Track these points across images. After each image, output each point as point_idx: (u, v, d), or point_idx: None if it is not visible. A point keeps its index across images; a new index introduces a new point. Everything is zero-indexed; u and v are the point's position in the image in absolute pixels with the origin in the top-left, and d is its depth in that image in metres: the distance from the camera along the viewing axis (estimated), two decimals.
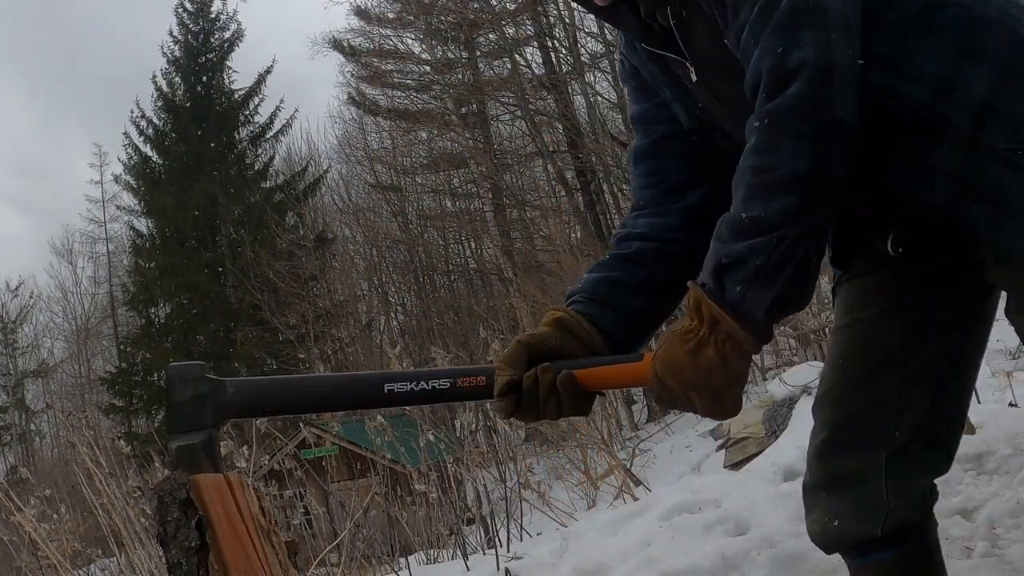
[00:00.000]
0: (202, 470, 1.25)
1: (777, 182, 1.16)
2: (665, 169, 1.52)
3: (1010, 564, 2.67)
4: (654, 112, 1.53)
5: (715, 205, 1.46)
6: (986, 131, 1.23)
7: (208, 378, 1.33)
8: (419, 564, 6.13)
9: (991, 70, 1.24)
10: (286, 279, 24.07)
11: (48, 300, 35.20)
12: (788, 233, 1.16)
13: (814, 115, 1.15)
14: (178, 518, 1.18)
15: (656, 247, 1.49)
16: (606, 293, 1.45)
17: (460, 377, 1.34)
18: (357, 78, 26.36)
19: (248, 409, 1.39)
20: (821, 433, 1.54)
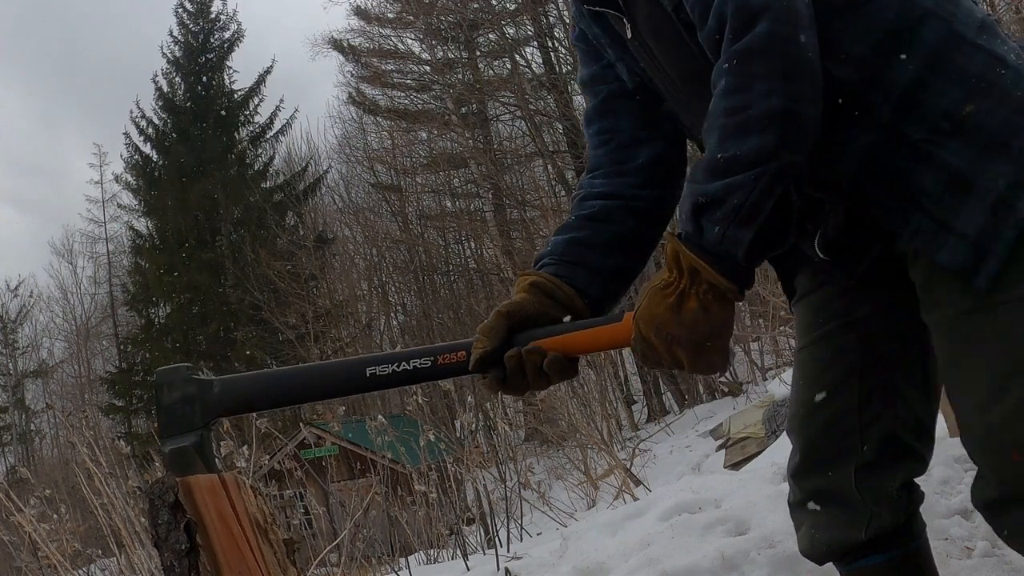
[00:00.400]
0: (196, 471, 1.25)
1: (751, 120, 1.14)
2: (616, 128, 1.52)
3: (1010, 564, 2.67)
4: (600, 73, 1.54)
5: (668, 162, 1.51)
6: (906, 120, 1.23)
7: (195, 379, 1.34)
8: (419, 564, 6.13)
9: (920, 61, 1.23)
10: (286, 279, 24.08)
11: (48, 300, 35.25)
12: (766, 170, 1.14)
13: (783, 52, 1.14)
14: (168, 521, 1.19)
15: (619, 204, 1.49)
16: (576, 253, 1.44)
17: (440, 354, 1.32)
18: (357, 78, 26.37)
19: (235, 406, 1.38)
20: (795, 457, 1.55)
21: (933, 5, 1.26)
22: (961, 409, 1.29)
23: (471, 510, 8.25)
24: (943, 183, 1.21)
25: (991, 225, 1.19)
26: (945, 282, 1.25)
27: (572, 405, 9.25)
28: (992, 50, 1.26)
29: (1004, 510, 1.25)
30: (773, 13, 1.14)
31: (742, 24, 1.15)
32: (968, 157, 1.21)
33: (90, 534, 6.29)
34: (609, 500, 7.41)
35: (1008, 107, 1.22)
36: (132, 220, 28.38)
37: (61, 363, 33.66)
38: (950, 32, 1.25)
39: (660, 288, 1.20)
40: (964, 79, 1.23)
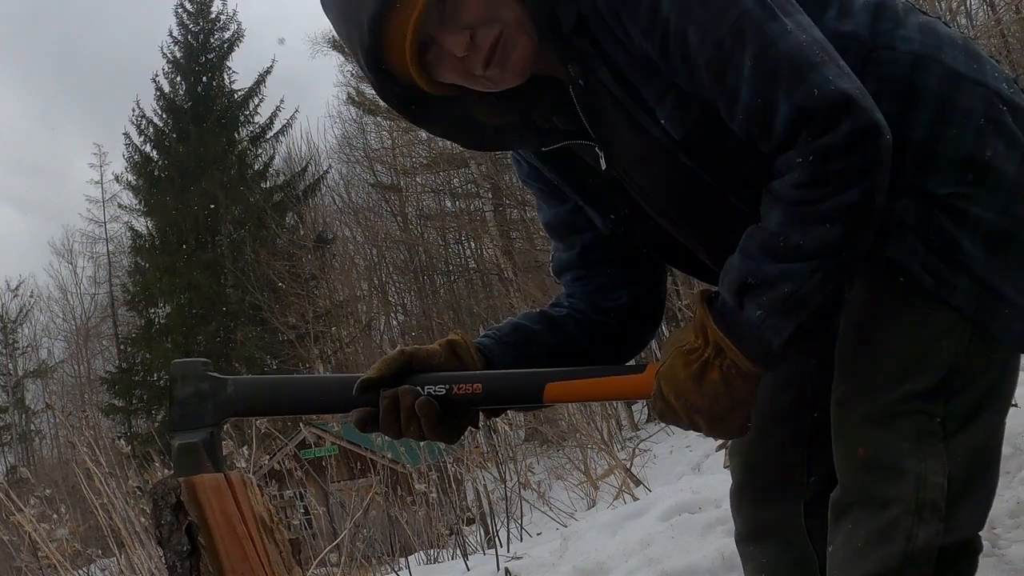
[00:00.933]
0: (203, 469, 1.24)
1: (820, 213, 1.08)
2: (595, 275, 1.44)
3: (1010, 564, 2.67)
4: (570, 219, 1.43)
5: (646, 305, 1.44)
6: (929, 176, 1.17)
7: (210, 376, 1.33)
8: (419, 564, 6.13)
9: (929, 110, 1.19)
10: (286, 279, 24.06)
11: (48, 300, 35.22)
12: (825, 264, 1.09)
13: (863, 150, 1.08)
14: (170, 522, 1.18)
15: (585, 321, 1.42)
16: (517, 339, 1.39)
17: (456, 384, 1.30)
18: (357, 78, 26.35)
19: (248, 408, 1.38)
20: (733, 483, 1.50)
21: (921, 47, 1.22)
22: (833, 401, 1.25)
23: (471, 510, 8.25)
24: (981, 243, 1.15)
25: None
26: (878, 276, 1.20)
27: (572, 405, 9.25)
28: (987, 82, 1.21)
29: (844, 515, 1.22)
30: (856, 104, 1.08)
31: (824, 125, 1.08)
32: (999, 208, 1.16)
33: (90, 534, 6.29)
34: (609, 500, 7.41)
35: (1019, 149, 1.19)
36: (132, 220, 28.39)
37: (61, 363, 33.66)
38: (945, 70, 1.20)
39: (685, 353, 1.17)
40: (973, 121, 1.18)
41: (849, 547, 1.20)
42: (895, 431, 1.18)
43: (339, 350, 24.65)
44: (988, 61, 1.26)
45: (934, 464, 1.17)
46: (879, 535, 1.18)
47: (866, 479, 1.19)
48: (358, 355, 23.47)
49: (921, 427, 1.17)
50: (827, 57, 1.10)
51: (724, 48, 1.11)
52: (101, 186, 31.01)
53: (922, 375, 1.18)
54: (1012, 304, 1.15)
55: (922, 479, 1.16)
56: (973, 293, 1.16)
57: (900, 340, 1.19)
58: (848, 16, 1.22)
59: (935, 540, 1.16)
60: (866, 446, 1.19)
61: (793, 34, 1.10)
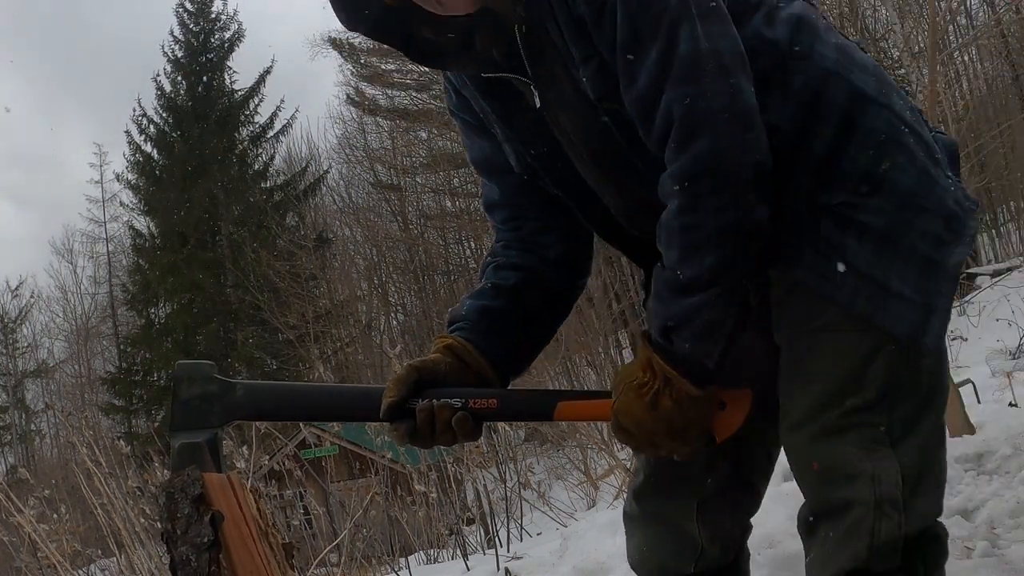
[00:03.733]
0: (205, 469, 1.25)
1: (704, 240, 1.19)
2: (524, 216, 1.51)
3: (1010, 564, 2.67)
4: (494, 158, 1.50)
5: (576, 251, 1.52)
6: (824, 187, 1.27)
7: (217, 378, 1.34)
8: (419, 564, 6.13)
9: (834, 125, 1.27)
10: (286, 279, 24.06)
11: (48, 300, 35.20)
12: (724, 287, 1.21)
13: (728, 167, 1.17)
14: (189, 514, 1.17)
15: (533, 281, 1.49)
16: (490, 323, 1.45)
17: (472, 399, 1.36)
18: (357, 78, 26.38)
19: (256, 413, 1.39)
20: (638, 476, 1.58)
21: (834, 64, 1.29)
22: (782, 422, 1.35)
23: (471, 510, 8.25)
24: (870, 245, 1.25)
25: (926, 283, 1.26)
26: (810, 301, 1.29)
27: None
28: (892, 106, 1.30)
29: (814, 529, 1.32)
30: (715, 127, 1.17)
31: (685, 136, 1.18)
32: (889, 216, 1.26)
33: (90, 534, 6.29)
34: (609, 500, 7.41)
35: (916, 167, 1.28)
36: (132, 219, 28.39)
37: (61, 363, 33.64)
38: (854, 90, 1.28)
39: (636, 387, 1.26)
40: (874, 139, 1.27)
41: (822, 552, 1.31)
42: (843, 443, 1.27)
43: (339, 350, 24.65)
44: (896, 89, 1.35)
45: (886, 464, 1.26)
46: (846, 534, 1.27)
47: (825, 489, 1.30)
48: (358, 355, 23.48)
49: (867, 437, 1.27)
50: (718, 69, 1.18)
51: (639, 35, 1.21)
52: (101, 185, 31.03)
53: (861, 391, 1.27)
54: (899, 296, 1.25)
55: (876, 478, 1.26)
56: (860, 289, 1.25)
57: (836, 363, 1.28)
58: (773, 25, 1.30)
59: (898, 532, 1.26)
60: (819, 460, 1.29)
61: (698, 40, 1.18)
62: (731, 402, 1.33)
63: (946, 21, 7.85)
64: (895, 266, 1.25)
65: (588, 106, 1.31)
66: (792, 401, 1.33)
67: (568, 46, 1.29)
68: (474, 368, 1.41)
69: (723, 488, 1.52)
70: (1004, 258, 19.68)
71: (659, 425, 1.25)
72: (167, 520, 1.18)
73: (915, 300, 1.25)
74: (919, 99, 6.46)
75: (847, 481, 1.27)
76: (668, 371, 1.24)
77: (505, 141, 1.45)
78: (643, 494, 1.56)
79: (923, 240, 1.26)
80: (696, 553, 1.52)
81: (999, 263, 18.26)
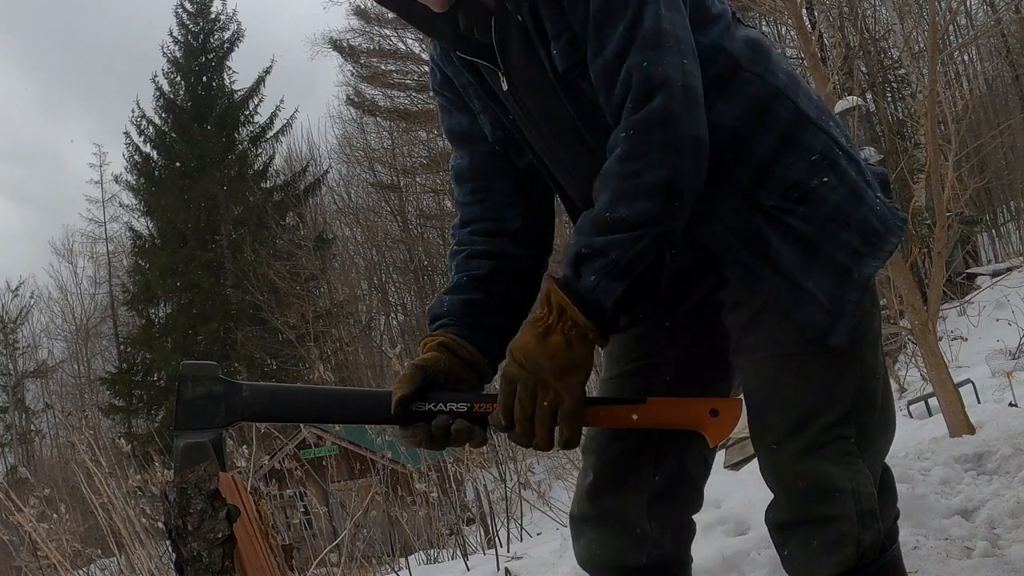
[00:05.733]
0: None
1: (641, 187, 1.28)
2: (491, 188, 1.58)
3: (1010, 564, 2.67)
4: (469, 129, 1.59)
5: (540, 225, 1.61)
6: (760, 188, 1.40)
7: (222, 379, 1.35)
8: (419, 564, 6.13)
9: (776, 136, 1.41)
10: (286, 279, 24.07)
11: (48, 300, 35.20)
12: (646, 233, 1.29)
13: (676, 127, 1.29)
14: (203, 510, 1.17)
15: (505, 266, 1.56)
16: (474, 316, 1.52)
17: (476, 403, 1.39)
18: (357, 78, 26.38)
19: (262, 414, 1.40)
20: (588, 476, 1.63)
21: (784, 86, 1.44)
22: (761, 441, 1.46)
23: (471, 510, 8.25)
24: (792, 247, 1.39)
25: (838, 289, 1.39)
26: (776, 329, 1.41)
27: None
28: (829, 132, 1.45)
29: (791, 530, 1.44)
30: (670, 90, 1.29)
31: (642, 96, 1.29)
32: (813, 225, 1.40)
33: (90, 534, 6.29)
34: None
35: (846, 185, 1.43)
36: (132, 220, 28.39)
37: (61, 363, 33.63)
38: (798, 111, 1.43)
39: (532, 322, 1.34)
40: (809, 155, 1.42)
41: (806, 553, 1.43)
42: (823, 460, 1.40)
43: (339, 350, 24.65)
44: (835, 119, 1.50)
45: (862, 479, 1.41)
46: (834, 543, 1.40)
47: (808, 503, 1.41)
48: (358, 355, 23.47)
49: (842, 450, 1.41)
50: (676, 48, 1.31)
51: (610, 9, 1.33)
52: (101, 186, 31.01)
53: (833, 408, 1.41)
54: (811, 296, 1.39)
55: (857, 494, 1.40)
56: (777, 284, 1.39)
57: (808, 385, 1.41)
58: (731, 39, 1.45)
59: (879, 537, 1.43)
60: (804, 478, 1.41)
61: (661, 19, 1.32)
62: (724, 409, 1.40)
63: (946, 21, 7.84)
64: (813, 270, 1.39)
65: (553, 86, 1.41)
66: (771, 422, 1.44)
67: (543, 24, 1.39)
68: (468, 360, 1.47)
69: (671, 485, 1.60)
70: (1004, 258, 19.68)
71: (545, 359, 1.30)
72: (177, 516, 1.18)
73: (825, 304, 1.39)
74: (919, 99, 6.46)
75: (831, 498, 1.39)
76: (564, 301, 1.30)
77: (482, 112, 1.55)
78: (595, 493, 1.62)
79: (842, 251, 1.40)
80: (648, 544, 1.59)
81: (999, 263, 18.27)
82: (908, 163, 8.35)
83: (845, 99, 6.03)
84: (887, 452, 1.53)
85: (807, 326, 1.39)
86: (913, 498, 3.13)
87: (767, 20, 14.63)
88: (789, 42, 14.86)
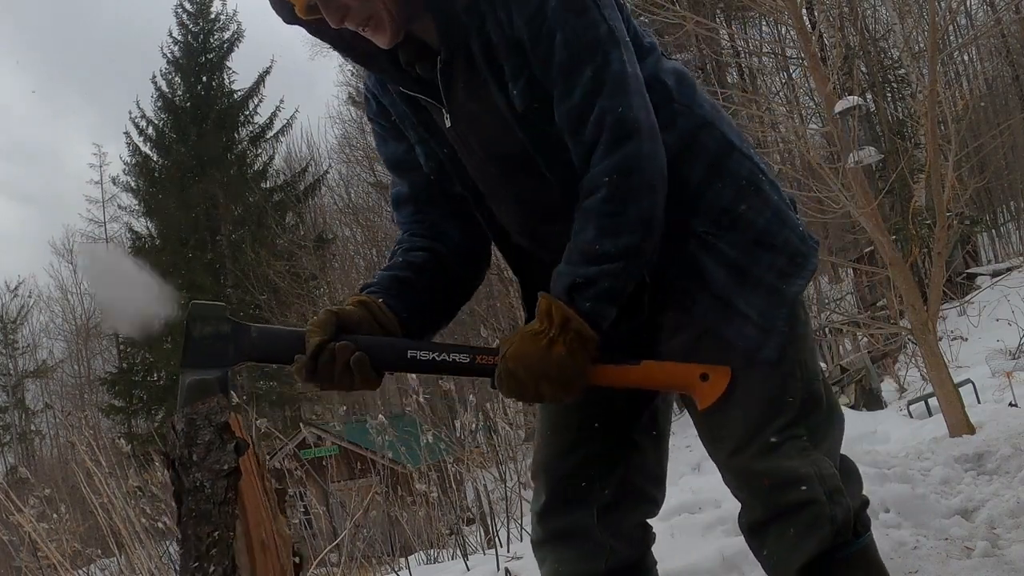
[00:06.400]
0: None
1: (624, 224, 1.39)
2: (428, 211, 1.66)
3: (1010, 564, 2.67)
4: (406, 158, 1.65)
5: (475, 247, 1.67)
6: (692, 215, 1.50)
7: (231, 319, 1.41)
8: (419, 564, 6.13)
9: (704, 164, 1.51)
10: (286, 279, 24.07)
11: (48, 300, 35.21)
12: (632, 263, 1.40)
13: (651, 168, 1.39)
14: (210, 441, 1.18)
15: (439, 264, 1.63)
16: (400, 289, 1.59)
17: (479, 355, 1.45)
18: (357, 78, 26.33)
19: (269, 354, 1.44)
20: (539, 498, 1.71)
21: (710, 116, 1.54)
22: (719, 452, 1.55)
23: (471, 510, 8.25)
24: (724, 270, 1.49)
25: (768, 307, 1.49)
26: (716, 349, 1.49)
27: None
28: (752, 157, 1.56)
29: (766, 528, 1.53)
30: (640, 132, 1.39)
31: (615, 139, 1.38)
32: (742, 249, 1.50)
33: (90, 534, 6.29)
34: None
35: (770, 209, 1.53)
36: (132, 220, 28.38)
37: (61, 363, 33.64)
38: (724, 139, 1.54)
39: (532, 334, 1.42)
40: (736, 182, 1.52)
41: (784, 545, 1.51)
42: (782, 457, 1.49)
43: None
44: (752, 146, 1.60)
45: (823, 464, 1.51)
46: (808, 527, 1.48)
47: (777, 496, 1.49)
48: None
49: (796, 447, 1.50)
50: (639, 89, 1.41)
51: (575, 58, 1.40)
52: (101, 186, 30.98)
53: (783, 413, 1.50)
54: (744, 316, 1.49)
55: (821, 476, 1.49)
56: (712, 306, 1.49)
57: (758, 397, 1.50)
58: (663, 71, 1.54)
59: (849, 513, 1.51)
60: (767, 476, 1.50)
61: (625, 64, 1.41)
62: (713, 375, 1.48)
63: (946, 21, 7.84)
64: (743, 291, 1.49)
65: (505, 121, 1.48)
66: (725, 435, 1.53)
67: (498, 64, 1.45)
68: (384, 324, 1.52)
69: (619, 495, 1.67)
70: (1004, 258, 19.69)
71: (549, 368, 1.40)
72: (183, 446, 1.18)
73: (757, 321, 1.49)
74: (919, 99, 6.46)
75: (797, 485, 1.48)
76: (567, 313, 1.39)
77: (418, 143, 1.61)
78: (546, 515, 1.69)
79: (769, 272, 1.50)
80: (604, 553, 1.66)
81: (999, 263, 18.28)
82: (908, 163, 8.35)
83: (845, 99, 6.03)
84: (840, 444, 1.61)
85: (741, 343, 1.48)
86: (913, 498, 3.13)
87: (767, 20, 14.64)
88: (789, 42, 14.85)
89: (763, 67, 12.35)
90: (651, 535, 1.77)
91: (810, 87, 13.03)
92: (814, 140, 7.72)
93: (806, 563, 1.50)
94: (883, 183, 9.94)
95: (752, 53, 12.31)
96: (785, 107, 9.35)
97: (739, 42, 13.66)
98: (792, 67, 12.46)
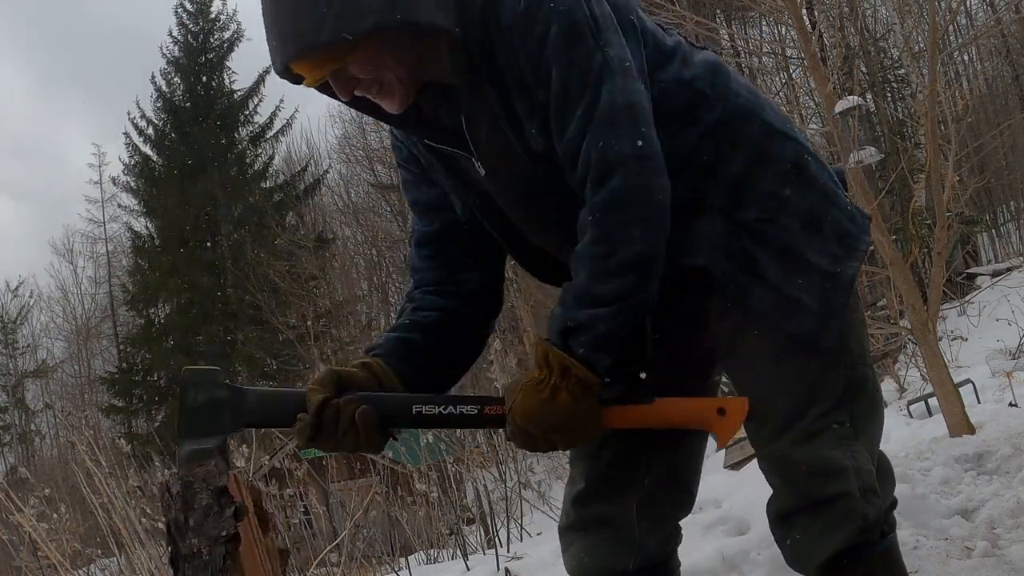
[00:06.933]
0: None
1: (612, 267, 1.34)
2: (448, 253, 1.63)
3: (1010, 564, 2.68)
4: (435, 201, 1.63)
5: (492, 290, 1.66)
6: (739, 205, 1.47)
7: (227, 384, 1.35)
8: (419, 564, 6.14)
9: (747, 154, 1.47)
10: (286, 279, 24.05)
11: (48, 300, 35.19)
12: (624, 307, 1.35)
13: (635, 204, 1.34)
14: (208, 506, 1.14)
15: (452, 320, 1.60)
16: (405, 351, 1.55)
17: (487, 405, 1.41)
18: None
19: (268, 419, 1.41)
20: (577, 484, 1.67)
21: (748, 103, 1.50)
22: (760, 436, 1.54)
23: (471, 510, 8.25)
24: (776, 258, 1.46)
25: (825, 293, 1.46)
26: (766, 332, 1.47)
27: None
28: (796, 138, 1.52)
29: (795, 518, 1.51)
30: (626, 168, 1.33)
31: (600, 176, 1.34)
32: (793, 234, 1.47)
33: (90, 534, 6.29)
34: None
35: (816, 191, 1.50)
36: (132, 220, 28.36)
37: (61, 363, 33.62)
38: (766, 125, 1.50)
39: (533, 385, 1.38)
40: (780, 166, 1.49)
41: (810, 535, 1.49)
42: (823, 445, 1.47)
43: (340, 350, 24.62)
44: (794, 125, 1.57)
45: (861, 458, 1.49)
46: (839, 520, 1.47)
47: (813, 486, 1.48)
48: (359, 355, 23.41)
49: (838, 435, 1.48)
50: (632, 120, 1.35)
51: (569, 92, 1.37)
52: (100, 186, 30.95)
53: (823, 399, 1.48)
54: (801, 305, 1.46)
55: (858, 471, 1.48)
56: (767, 296, 1.46)
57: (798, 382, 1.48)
58: (689, 67, 1.50)
59: (880, 513, 1.51)
60: (806, 462, 1.48)
61: (615, 95, 1.35)
62: (730, 408, 1.43)
63: (946, 21, 7.84)
64: (798, 279, 1.46)
65: (526, 159, 1.45)
66: (767, 418, 1.50)
67: (507, 108, 1.43)
68: (387, 387, 1.48)
69: (661, 488, 1.65)
70: (1004, 258, 19.69)
71: (558, 419, 1.36)
72: (180, 510, 1.15)
73: (814, 308, 1.46)
74: (919, 99, 6.46)
75: (835, 476, 1.46)
76: (565, 359, 1.35)
77: (451, 191, 1.59)
78: (585, 501, 1.66)
79: (822, 257, 1.47)
80: (635, 549, 1.63)
81: (999, 263, 18.28)
82: (908, 163, 8.35)
83: (845, 99, 6.02)
84: (880, 439, 1.59)
85: (798, 333, 1.46)
86: (913, 498, 3.13)
87: (767, 20, 14.63)
88: (789, 42, 14.85)
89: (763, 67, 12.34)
90: (680, 535, 1.73)
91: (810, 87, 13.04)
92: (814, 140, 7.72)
93: (829, 558, 1.48)
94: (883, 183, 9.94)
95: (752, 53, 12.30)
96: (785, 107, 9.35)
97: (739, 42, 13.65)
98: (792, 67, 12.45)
